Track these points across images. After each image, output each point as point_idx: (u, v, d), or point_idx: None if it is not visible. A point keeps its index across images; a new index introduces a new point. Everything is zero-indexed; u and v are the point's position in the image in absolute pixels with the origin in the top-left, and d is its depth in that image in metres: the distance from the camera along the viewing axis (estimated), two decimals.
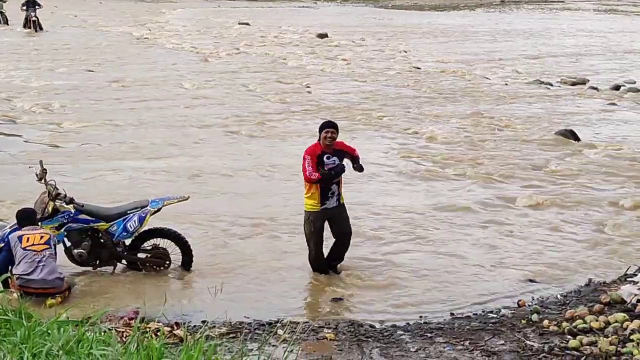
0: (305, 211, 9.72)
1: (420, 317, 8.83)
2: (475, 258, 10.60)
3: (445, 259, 10.55)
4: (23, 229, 9.09)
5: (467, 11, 59.92)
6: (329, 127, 9.64)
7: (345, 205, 9.86)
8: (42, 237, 9.00)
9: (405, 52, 32.74)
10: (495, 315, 8.81)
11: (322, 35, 37.14)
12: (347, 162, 9.82)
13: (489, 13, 58.25)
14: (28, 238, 8.93)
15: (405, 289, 9.62)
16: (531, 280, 9.90)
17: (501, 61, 30.61)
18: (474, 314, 8.89)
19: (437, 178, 14.41)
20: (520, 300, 9.22)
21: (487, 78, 26.20)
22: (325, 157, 9.52)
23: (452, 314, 8.92)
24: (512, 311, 8.93)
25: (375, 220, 11.97)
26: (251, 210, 12.29)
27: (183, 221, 11.00)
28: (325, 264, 9.91)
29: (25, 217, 9.23)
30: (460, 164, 15.23)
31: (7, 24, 37.68)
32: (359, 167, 9.96)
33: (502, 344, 7.97)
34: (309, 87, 23.63)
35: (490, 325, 8.49)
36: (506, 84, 24.99)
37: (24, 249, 8.86)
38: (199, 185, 13.45)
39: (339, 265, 10.01)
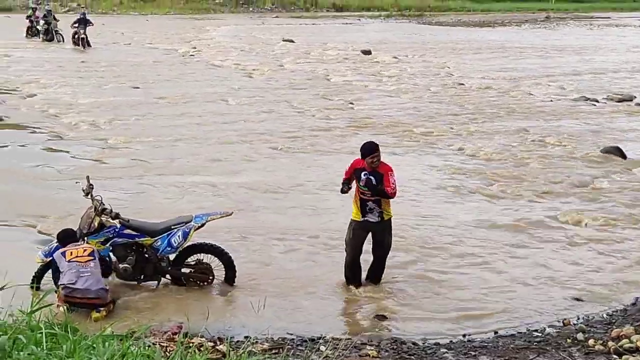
0: (350, 219, 9.90)
1: (464, 335, 8.77)
2: (519, 276, 10.51)
3: (489, 277, 10.48)
4: (66, 247, 9.23)
5: (512, 27, 59.69)
6: (373, 152, 9.63)
7: (391, 223, 9.85)
8: (85, 250, 9.14)
9: (450, 68, 32.67)
10: (540, 334, 8.73)
11: (366, 52, 37.19)
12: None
13: (534, 29, 57.96)
14: (72, 252, 9.07)
15: (448, 307, 9.56)
16: (576, 299, 9.80)
17: (546, 77, 30.42)
18: (518, 333, 8.81)
19: (482, 195, 14.33)
20: (565, 319, 9.13)
21: (532, 94, 26.05)
22: (362, 172, 9.62)
23: (496, 332, 8.85)
24: (557, 330, 8.84)
25: (419, 237, 11.92)
26: (293, 226, 12.31)
27: (226, 236, 11.05)
28: (359, 278, 9.97)
29: (66, 237, 9.41)
30: (505, 180, 15.13)
31: (63, 41, 38.25)
32: (376, 190, 9.63)
33: None
34: (352, 103, 23.65)
35: (534, 344, 8.42)
36: (551, 101, 24.83)
37: (69, 261, 8.98)
38: (242, 200, 13.50)
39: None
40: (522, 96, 25.65)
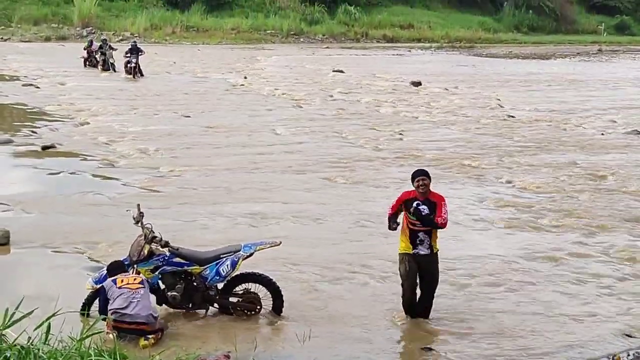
0: (399, 253, 9.82)
1: None
2: (569, 310, 10.42)
3: (537, 310, 10.40)
4: (117, 276, 9.34)
5: (563, 60, 59.36)
6: (419, 175, 9.76)
7: (438, 256, 9.81)
8: (135, 279, 9.26)
9: (499, 99, 32.55)
10: None
11: (416, 83, 37.18)
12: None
13: (586, 62, 57.59)
14: (122, 280, 9.18)
15: (495, 339, 9.51)
16: (627, 335, 9.68)
17: (598, 110, 30.17)
18: None
19: (531, 228, 14.22)
20: (615, 355, 9.03)
21: (583, 127, 25.84)
22: (415, 202, 9.57)
23: None
24: None
25: (467, 269, 11.86)
26: (341, 256, 12.31)
27: (274, 266, 11.08)
28: (415, 309, 9.89)
29: (116, 268, 9.54)
30: (554, 214, 15.02)
31: (115, 71, 38.78)
32: (425, 219, 9.68)
33: None
34: (401, 134, 23.65)
35: None
36: (602, 134, 24.62)
37: (119, 287, 9.08)
38: (291, 230, 13.54)
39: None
40: (573, 129, 25.46)
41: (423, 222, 9.57)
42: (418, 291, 9.90)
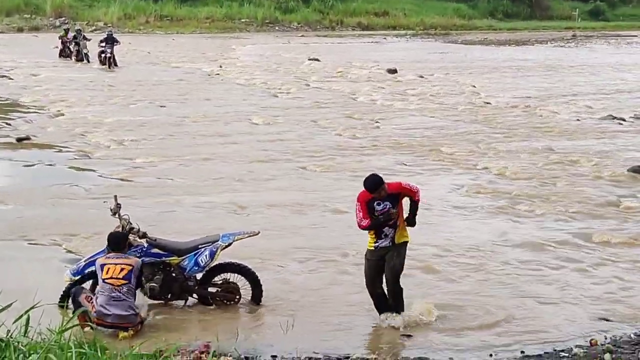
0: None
1: (491, 355, 8.76)
2: (546, 296, 10.47)
3: (515, 297, 10.44)
4: (108, 256, 9.25)
5: (538, 46, 59.59)
6: (378, 185, 9.19)
7: (403, 247, 9.42)
8: (122, 270, 9.10)
9: (475, 87, 32.64)
10: (567, 355, 8.69)
11: (392, 71, 37.22)
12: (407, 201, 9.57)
13: (561, 48, 57.84)
14: (109, 269, 9.07)
15: (475, 327, 9.55)
16: (604, 319, 9.75)
17: (573, 96, 30.33)
18: (545, 353, 8.78)
19: (508, 214, 14.30)
20: (592, 339, 9.08)
21: (557, 113, 25.96)
22: (375, 203, 9.21)
23: (522, 352, 8.83)
24: (585, 350, 8.80)
25: (444, 257, 11.91)
26: (320, 245, 12.33)
27: (253, 256, 11.07)
28: (385, 304, 9.55)
29: (114, 242, 9.38)
30: (531, 200, 15.09)
31: (89, 62, 38.54)
32: (411, 222, 9.51)
33: None
34: (378, 122, 23.67)
35: None
36: (578, 120, 24.75)
37: (104, 280, 9.02)
38: (269, 220, 13.54)
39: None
40: (549, 115, 25.58)
41: (387, 219, 9.22)
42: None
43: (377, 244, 9.35)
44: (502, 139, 21.26)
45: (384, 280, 9.44)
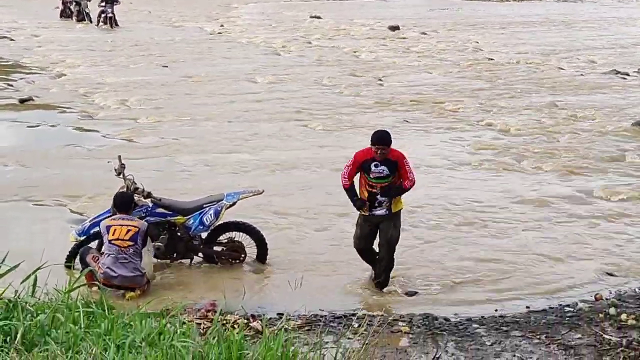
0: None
1: (496, 310, 8.80)
2: (551, 251, 10.51)
3: (520, 252, 10.48)
4: (114, 217, 9.26)
5: (540, 1, 59.12)
6: (379, 143, 8.91)
7: (399, 216, 9.23)
8: (128, 231, 9.07)
9: (478, 43, 32.45)
10: (572, 309, 8.74)
11: (394, 28, 36.95)
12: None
13: (563, 3, 57.38)
14: (115, 230, 9.06)
15: (480, 283, 9.60)
16: (609, 274, 9.80)
17: (576, 51, 30.13)
18: (550, 308, 8.83)
19: (512, 170, 14.30)
20: (597, 294, 9.13)
21: (561, 68, 25.84)
22: (373, 164, 8.95)
23: (527, 307, 8.87)
24: (590, 305, 8.85)
25: (449, 214, 11.92)
26: (325, 204, 12.32)
27: (258, 215, 11.09)
28: (373, 258, 9.39)
29: (121, 204, 9.36)
30: (535, 156, 15.08)
31: (91, 22, 38.32)
32: (386, 192, 9.04)
33: (579, 338, 7.91)
34: (381, 79, 23.58)
35: (567, 318, 8.43)
36: (581, 75, 24.62)
37: (110, 241, 9.03)
38: (273, 178, 13.55)
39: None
40: (552, 70, 25.45)
41: (389, 195, 9.03)
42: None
43: (372, 212, 9.10)
44: (506, 95, 21.17)
45: (378, 250, 9.27)
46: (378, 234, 9.23)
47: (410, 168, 9.06)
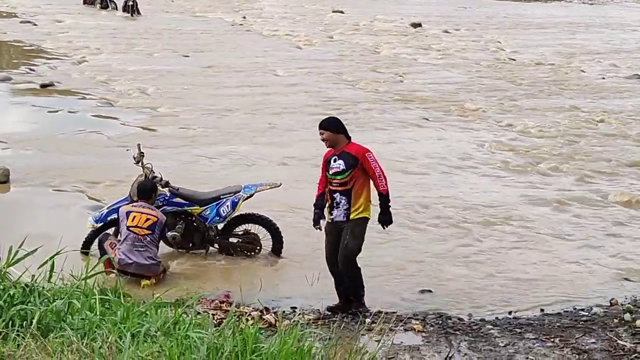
0: None
1: (510, 312, 8.76)
2: (567, 255, 10.46)
3: (536, 255, 10.44)
4: (135, 204, 9.29)
5: (563, 3, 58.83)
6: (320, 128, 8.35)
7: (360, 224, 8.33)
8: (147, 220, 9.13)
9: (500, 42, 32.34)
10: (586, 313, 8.69)
11: (416, 25, 36.89)
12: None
13: (586, 5, 57.08)
14: (134, 217, 9.10)
15: (494, 283, 9.55)
16: (625, 279, 9.74)
17: (598, 54, 29.99)
18: (564, 311, 8.78)
19: (530, 172, 14.24)
20: (612, 299, 9.07)
21: (584, 71, 25.72)
22: (332, 159, 8.29)
23: (542, 310, 8.83)
24: (604, 310, 8.80)
25: (466, 213, 11.88)
26: None
27: (274, 208, 11.08)
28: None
29: (143, 192, 9.41)
30: (554, 158, 15.02)
31: (116, 9, 38.42)
32: (385, 220, 8.40)
33: (593, 343, 7.86)
34: (401, 76, 23.54)
35: (581, 323, 8.38)
36: (603, 78, 24.50)
37: (128, 228, 9.05)
38: (290, 172, 13.54)
39: None
40: (574, 73, 25.35)
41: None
42: None
43: (332, 215, 8.35)
44: (527, 96, 21.11)
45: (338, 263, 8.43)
46: None
47: (378, 164, 8.26)
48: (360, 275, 8.44)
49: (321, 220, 8.50)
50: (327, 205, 8.39)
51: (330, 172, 8.28)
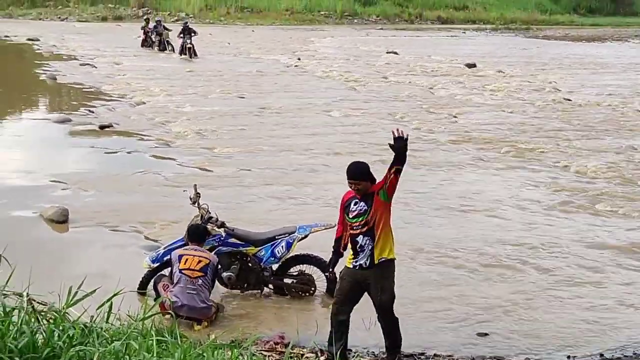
0: None
1: (568, 357, 8.63)
2: (626, 297, 10.29)
3: (594, 297, 10.28)
4: (187, 247, 9.36)
5: (621, 42, 58.44)
6: (350, 179, 7.88)
7: (389, 267, 8.04)
8: (199, 262, 9.17)
9: (556, 83, 32.16)
10: None
11: (471, 65, 36.91)
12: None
13: None
14: (187, 260, 9.16)
15: (552, 327, 9.41)
16: None
17: None
18: (625, 356, 8.62)
19: (588, 214, 14.06)
20: None
21: None
22: (353, 202, 7.91)
23: (601, 355, 8.68)
24: None
25: (523, 254, 11.75)
26: (399, 240, 12.21)
27: (328, 249, 11.05)
28: (340, 341, 7.94)
29: (194, 234, 9.49)
30: (612, 199, 14.82)
31: (174, 51, 39.06)
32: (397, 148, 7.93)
33: None
34: (456, 117, 23.51)
35: None
36: None
37: (181, 270, 9.11)
38: None
39: None
40: (632, 113, 25.06)
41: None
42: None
43: (356, 260, 7.87)
44: (583, 136, 20.91)
45: (375, 312, 8.06)
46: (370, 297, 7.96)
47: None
48: (397, 323, 8.08)
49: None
50: (347, 248, 8.01)
51: (350, 216, 7.85)
